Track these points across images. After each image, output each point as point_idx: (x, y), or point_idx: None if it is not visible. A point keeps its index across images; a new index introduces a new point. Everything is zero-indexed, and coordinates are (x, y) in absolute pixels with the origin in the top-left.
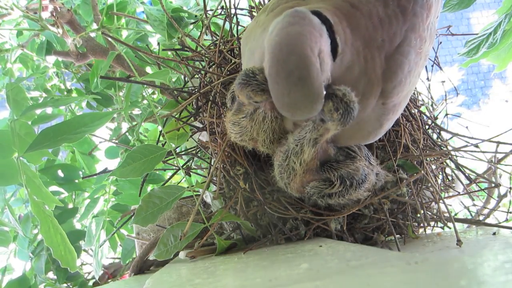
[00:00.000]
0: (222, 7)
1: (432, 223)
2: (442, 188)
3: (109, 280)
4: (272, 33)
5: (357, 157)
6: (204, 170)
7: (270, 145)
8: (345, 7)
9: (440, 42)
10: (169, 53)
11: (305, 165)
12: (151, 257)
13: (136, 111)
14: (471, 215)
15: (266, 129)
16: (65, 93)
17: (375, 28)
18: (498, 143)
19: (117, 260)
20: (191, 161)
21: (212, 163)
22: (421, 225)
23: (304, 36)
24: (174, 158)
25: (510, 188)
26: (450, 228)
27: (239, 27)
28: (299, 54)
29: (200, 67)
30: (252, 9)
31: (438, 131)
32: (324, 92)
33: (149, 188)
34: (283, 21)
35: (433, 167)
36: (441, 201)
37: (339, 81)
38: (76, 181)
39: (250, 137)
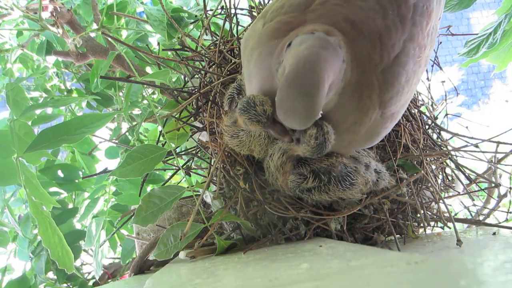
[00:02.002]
0: (222, 7)
1: (432, 223)
2: (442, 188)
3: (109, 280)
4: (301, 46)
5: (333, 154)
6: (204, 170)
7: (264, 153)
8: (347, 29)
9: (440, 42)
10: (169, 53)
11: (279, 168)
12: (151, 257)
13: (136, 111)
14: (471, 215)
15: (261, 142)
16: (65, 93)
17: (374, 46)
18: (498, 143)
19: (117, 260)
20: (191, 161)
21: (212, 163)
22: (421, 225)
23: (328, 64)
24: (174, 158)
25: (510, 188)
26: (450, 228)
27: (239, 27)
28: (317, 75)
29: (200, 67)
30: (252, 9)
31: (438, 131)
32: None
33: (149, 188)
34: (314, 40)
35: (433, 167)
36: (441, 201)
37: (330, 115)
38: (76, 181)
39: (248, 149)
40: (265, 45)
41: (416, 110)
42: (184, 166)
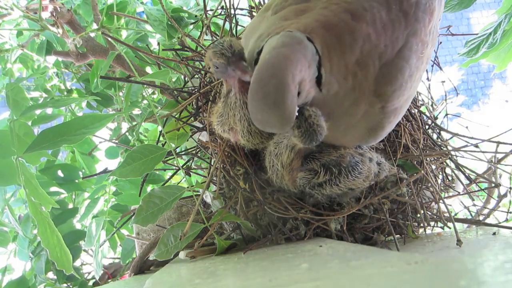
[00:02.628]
0: (222, 7)
1: (432, 223)
2: (442, 188)
3: (109, 280)
4: (266, 49)
5: (340, 146)
6: (204, 170)
7: (249, 137)
8: (344, 20)
9: (440, 42)
10: (169, 53)
11: (288, 166)
12: (151, 257)
13: (136, 111)
14: (471, 215)
15: (240, 117)
16: (65, 93)
17: (377, 35)
18: (498, 143)
19: (117, 260)
20: (191, 161)
21: (212, 163)
22: (421, 225)
23: (290, 61)
24: (174, 158)
25: (510, 188)
26: (450, 228)
27: (239, 27)
28: (280, 80)
29: (200, 67)
30: (252, 9)
31: (438, 131)
32: (296, 114)
33: (149, 188)
34: (278, 40)
35: (433, 167)
36: (441, 201)
37: (324, 105)
38: (76, 181)
39: (229, 127)
40: (270, 26)
41: (416, 110)
42: (184, 166)
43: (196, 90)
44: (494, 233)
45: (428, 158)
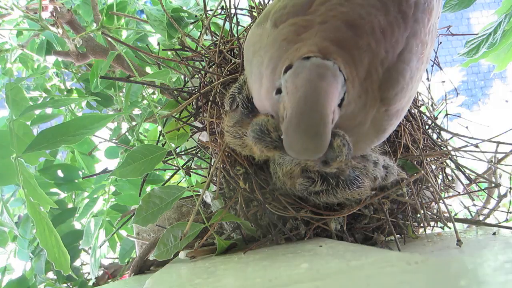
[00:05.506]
0: (222, 7)
1: (432, 223)
2: (442, 188)
3: (109, 280)
4: (297, 79)
5: None
6: (204, 170)
7: (264, 156)
8: (348, 36)
9: (440, 42)
10: (169, 53)
11: (288, 174)
12: (151, 257)
13: (136, 111)
14: (471, 215)
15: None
16: (65, 93)
17: (378, 42)
18: (498, 143)
19: (117, 260)
20: (191, 161)
21: (212, 163)
22: (421, 225)
23: (328, 95)
24: (174, 158)
25: (510, 188)
26: (450, 228)
27: (239, 27)
28: (321, 114)
29: (200, 67)
30: (252, 9)
31: (438, 131)
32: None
33: (149, 188)
34: (311, 71)
35: (433, 167)
36: (441, 201)
37: (341, 123)
38: (76, 181)
39: (249, 151)
40: (279, 48)
41: (416, 110)
42: (184, 166)
43: (196, 90)
44: (494, 233)
45: (428, 158)
